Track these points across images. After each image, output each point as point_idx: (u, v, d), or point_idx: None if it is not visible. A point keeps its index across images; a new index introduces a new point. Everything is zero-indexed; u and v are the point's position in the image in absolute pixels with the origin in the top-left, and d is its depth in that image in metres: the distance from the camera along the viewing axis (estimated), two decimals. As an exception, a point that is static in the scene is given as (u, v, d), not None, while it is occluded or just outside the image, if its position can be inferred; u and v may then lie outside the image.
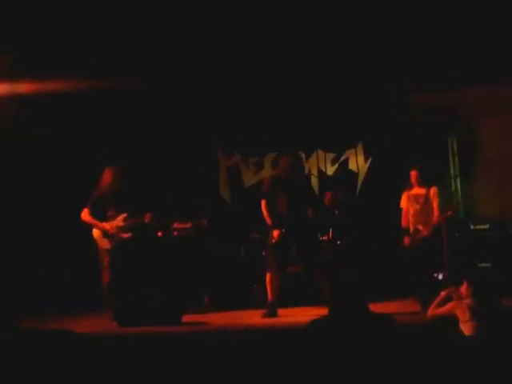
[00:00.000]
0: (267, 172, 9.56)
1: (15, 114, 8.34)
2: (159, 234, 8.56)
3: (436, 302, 5.58)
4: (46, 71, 7.97)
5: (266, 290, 7.65)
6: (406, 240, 7.93)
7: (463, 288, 5.35)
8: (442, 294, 5.57)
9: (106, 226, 7.61)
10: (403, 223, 8.04)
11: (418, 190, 7.98)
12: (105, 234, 7.60)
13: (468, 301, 5.26)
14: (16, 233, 8.58)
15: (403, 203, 8.09)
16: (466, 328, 5.18)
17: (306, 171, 9.54)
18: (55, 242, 8.89)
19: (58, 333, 4.29)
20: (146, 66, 8.46)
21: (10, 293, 7.46)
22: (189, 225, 8.71)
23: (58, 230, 8.90)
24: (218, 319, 7.49)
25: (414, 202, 7.95)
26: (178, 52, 8.27)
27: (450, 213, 7.92)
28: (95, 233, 7.64)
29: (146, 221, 7.67)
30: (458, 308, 5.29)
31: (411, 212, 7.98)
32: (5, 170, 8.60)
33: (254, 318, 7.48)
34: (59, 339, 4.16)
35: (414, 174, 7.97)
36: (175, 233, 8.67)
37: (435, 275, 7.59)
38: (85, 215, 7.64)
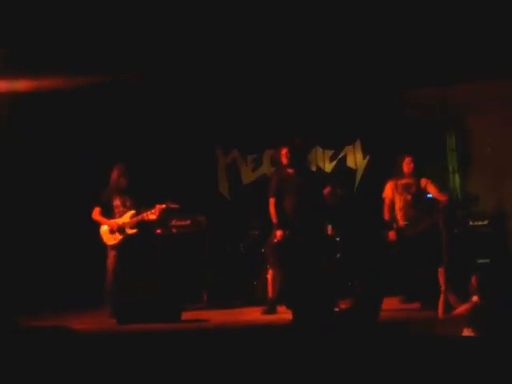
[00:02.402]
0: (266, 169, 9.57)
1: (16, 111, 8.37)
2: (158, 231, 8.56)
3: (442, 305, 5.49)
4: (43, 68, 7.95)
5: (265, 287, 7.64)
6: (392, 235, 7.28)
7: (473, 282, 5.27)
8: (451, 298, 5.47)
9: (112, 223, 7.69)
10: (386, 215, 7.38)
11: (408, 180, 7.33)
12: (111, 230, 7.68)
13: (478, 300, 5.20)
14: (15, 230, 8.58)
15: (387, 193, 7.41)
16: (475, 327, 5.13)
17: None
18: (54, 239, 8.89)
19: (56, 330, 4.28)
20: (144, 64, 8.44)
21: (8, 290, 7.47)
22: (188, 222, 8.72)
23: (57, 226, 8.90)
24: (217, 316, 7.47)
25: (405, 192, 7.28)
26: (176, 49, 8.24)
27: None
28: (102, 229, 7.74)
29: (149, 218, 7.72)
30: (471, 309, 5.22)
31: (399, 204, 7.32)
32: (8, 168, 8.62)
33: (253, 314, 7.48)
34: (57, 336, 4.15)
35: (408, 159, 7.27)
36: (174, 230, 8.66)
37: (434, 271, 7.18)
38: (95, 214, 7.75)
